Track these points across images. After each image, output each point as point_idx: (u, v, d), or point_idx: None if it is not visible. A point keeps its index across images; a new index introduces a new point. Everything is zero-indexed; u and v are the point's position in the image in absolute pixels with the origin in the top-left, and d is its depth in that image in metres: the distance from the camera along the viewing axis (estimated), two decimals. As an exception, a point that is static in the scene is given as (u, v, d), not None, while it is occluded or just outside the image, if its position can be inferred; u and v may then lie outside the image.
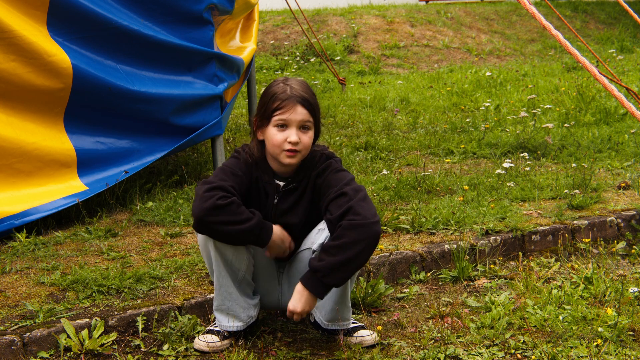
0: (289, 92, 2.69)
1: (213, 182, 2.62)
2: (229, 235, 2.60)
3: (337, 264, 2.54)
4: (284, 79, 2.77)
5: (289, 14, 12.71)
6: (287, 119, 2.69)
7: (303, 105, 2.70)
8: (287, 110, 2.68)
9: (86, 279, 3.11)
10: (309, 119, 2.72)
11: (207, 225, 2.58)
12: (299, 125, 2.70)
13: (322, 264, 2.55)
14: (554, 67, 10.67)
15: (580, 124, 6.55)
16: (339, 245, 2.54)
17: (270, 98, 2.71)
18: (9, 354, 2.62)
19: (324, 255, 2.56)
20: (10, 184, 3.81)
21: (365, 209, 2.58)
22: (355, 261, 2.56)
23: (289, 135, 2.69)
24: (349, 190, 2.65)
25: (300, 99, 2.69)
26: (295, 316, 2.64)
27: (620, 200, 4.35)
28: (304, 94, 2.71)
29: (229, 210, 2.56)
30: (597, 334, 2.78)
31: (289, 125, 2.69)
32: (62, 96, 3.96)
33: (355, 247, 2.53)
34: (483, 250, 3.69)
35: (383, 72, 11.30)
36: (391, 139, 6.24)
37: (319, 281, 2.57)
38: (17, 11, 3.75)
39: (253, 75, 6.62)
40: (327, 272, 2.55)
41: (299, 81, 2.76)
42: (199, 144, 5.68)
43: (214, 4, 4.75)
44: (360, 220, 2.55)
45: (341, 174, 2.75)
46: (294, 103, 2.68)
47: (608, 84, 2.83)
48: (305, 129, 2.72)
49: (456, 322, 2.97)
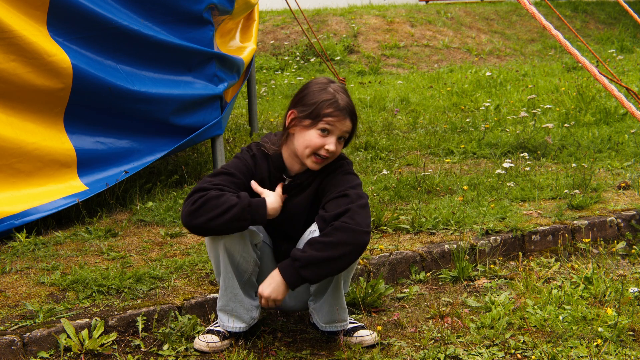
0: (341, 102, 2.71)
1: (193, 189, 2.65)
2: (223, 228, 2.61)
3: (319, 259, 2.54)
4: (327, 80, 2.77)
5: (289, 14, 12.71)
6: (334, 128, 2.70)
7: (351, 119, 2.73)
8: (338, 121, 2.70)
9: (86, 279, 3.11)
10: (350, 131, 2.76)
11: (196, 229, 2.62)
12: (339, 136, 2.73)
13: (304, 255, 2.55)
14: (554, 67, 10.67)
15: (580, 124, 6.55)
16: (325, 242, 2.55)
17: (323, 101, 2.70)
18: (9, 354, 2.62)
19: (308, 248, 2.57)
20: (10, 184, 3.81)
21: (361, 217, 2.60)
22: (336, 261, 2.56)
23: (329, 144, 2.70)
24: (352, 193, 2.66)
25: (352, 112, 2.73)
26: (263, 300, 2.65)
27: (620, 200, 4.35)
28: (353, 107, 2.75)
29: (208, 207, 2.57)
30: (597, 334, 2.78)
31: (331, 133, 2.71)
32: (62, 96, 3.96)
33: (339, 249, 2.54)
34: (483, 250, 3.69)
35: (383, 72, 11.30)
36: (391, 139, 6.24)
37: (296, 270, 2.57)
38: (17, 11, 3.75)
39: (253, 75, 6.62)
40: (306, 263, 2.55)
41: (343, 89, 2.77)
42: (199, 144, 5.68)
43: (214, 4, 4.75)
44: (353, 226, 2.56)
45: (349, 176, 2.76)
46: (345, 115, 2.71)
47: (608, 84, 2.83)
48: (342, 139, 2.75)
49: (456, 322, 2.97)
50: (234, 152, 5.66)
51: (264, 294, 2.62)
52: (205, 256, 3.44)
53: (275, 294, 2.61)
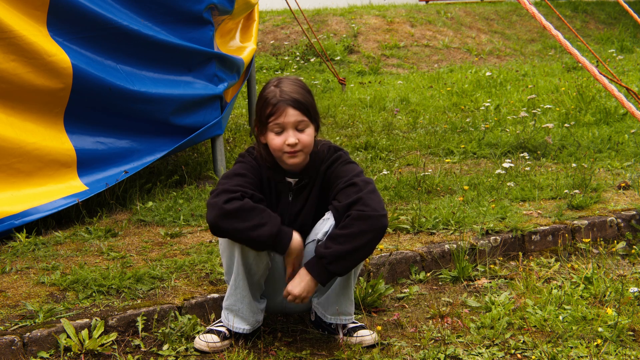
0: (279, 95, 2.70)
1: (220, 189, 2.64)
2: (243, 242, 2.64)
3: (344, 252, 2.58)
4: (277, 80, 2.78)
5: (289, 14, 12.71)
6: (281, 123, 2.70)
7: (294, 106, 2.70)
8: (280, 115, 2.70)
9: (86, 279, 3.11)
10: (302, 118, 2.73)
11: (220, 231, 2.62)
12: (294, 127, 2.72)
13: (329, 251, 2.59)
14: (554, 67, 10.67)
15: (580, 124, 6.55)
16: (347, 234, 2.58)
17: (263, 104, 2.73)
18: (9, 354, 2.62)
19: (331, 243, 2.60)
20: (10, 184, 3.81)
21: (374, 201, 2.63)
22: (361, 251, 2.61)
23: (287, 138, 2.71)
24: (359, 181, 2.69)
25: (290, 101, 2.70)
26: (290, 297, 2.67)
27: (620, 200, 4.35)
28: (293, 95, 2.71)
29: (240, 216, 2.58)
30: (597, 334, 2.78)
31: (284, 128, 2.71)
32: (62, 96, 3.96)
33: (362, 238, 2.58)
34: (483, 250, 3.69)
35: (383, 72, 11.30)
36: (391, 139, 6.24)
37: (324, 268, 2.61)
38: (17, 11, 3.75)
39: (253, 75, 6.62)
40: (333, 259, 2.59)
41: (291, 81, 2.76)
42: (199, 144, 5.68)
43: (214, 4, 4.75)
44: (369, 212, 2.59)
45: (350, 165, 2.79)
46: (284, 107, 2.70)
47: (608, 84, 2.83)
48: (302, 128, 2.74)
49: (456, 322, 2.97)
50: (234, 152, 5.65)
51: (294, 292, 2.66)
52: (205, 256, 3.44)
53: (305, 292, 2.66)
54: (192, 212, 4.16)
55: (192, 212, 4.16)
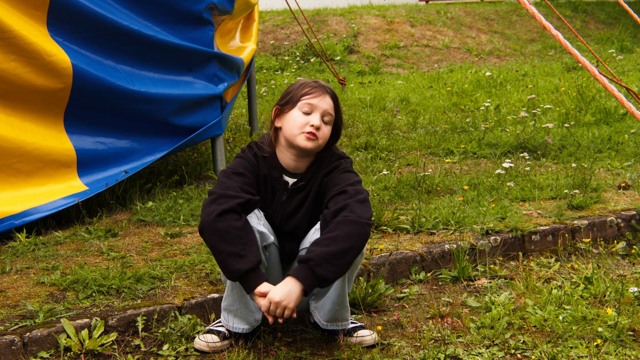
0: (319, 82, 2.81)
1: (218, 193, 2.63)
2: (219, 262, 2.61)
3: (330, 254, 2.50)
4: (307, 79, 2.88)
5: (289, 14, 12.71)
6: (315, 105, 2.75)
7: (331, 97, 2.79)
8: (316, 97, 2.75)
9: (86, 279, 3.11)
10: (333, 112, 2.79)
11: (205, 241, 2.62)
12: (322, 115, 2.76)
13: (313, 254, 2.51)
14: (554, 67, 10.67)
15: (580, 124, 6.55)
16: (331, 237, 2.53)
17: (300, 86, 2.79)
18: (9, 354, 2.62)
19: (314, 247, 2.54)
20: (10, 184, 3.81)
21: (361, 210, 2.60)
22: (346, 255, 2.53)
23: (312, 120, 2.74)
24: (350, 189, 2.67)
25: (330, 91, 2.80)
26: (272, 306, 2.52)
27: (620, 200, 4.35)
28: (332, 89, 2.83)
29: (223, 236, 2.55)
30: (597, 334, 2.78)
31: (313, 111, 2.75)
32: (62, 96, 3.96)
33: (347, 241, 2.53)
34: (483, 250, 3.69)
35: (383, 72, 11.30)
36: (391, 139, 6.24)
37: (310, 271, 2.50)
38: (17, 11, 3.75)
39: (253, 75, 6.62)
40: (319, 261, 2.49)
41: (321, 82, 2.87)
42: (199, 144, 5.68)
43: (214, 4, 4.75)
44: (354, 217, 2.57)
45: (348, 174, 2.77)
46: (323, 92, 2.78)
47: (608, 84, 2.83)
48: (327, 121, 2.78)
49: (456, 322, 2.97)
50: (234, 152, 5.65)
51: (275, 299, 2.51)
52: (205, 256, 3.44)
53: (287, 299, 2.52)
54: (192, 212, 4.16)
55: (192, 212, 4.16)
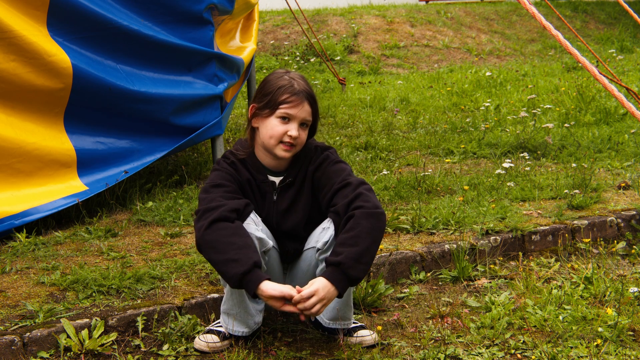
0: (297, 86, 2.71)
1: (203, 209, 2.60)
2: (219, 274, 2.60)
3: (358, 254, 2.48)
4: (285, 71, 2.79)
5: (289, 14, 12.71)
6: (293, 114, 2.70)
7: (310, 103, 2.73)
8: (295, 106, 2.70)
9: (86, 279, 3.11)
10: (311, 117, 2.76)
11: (204, 256, 2.61)
12: (300, 122, 2.72)
13: (343, 256, 2.47)
14: (554, 67, 10.67)
15: (580, 124, 6.55)
16: (355, 235, 2.51)
17: (278, 89, 2.70)
18: (9, 354, 2.62)
19: (342, 249, 2.50)
20: (10, 184, 3.81)
21: (373, 199, 2.61)
22: (372, 251, 2.52)
23: (290, 130, 2.70)
24: (353, 180, 2.67)
25: (309, 95, 2.73)
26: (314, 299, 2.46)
27: (620, 200, 4.35)
28: (310, 91, 2.74)
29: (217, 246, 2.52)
30: (597, 334, 2.78)
31: (292, 119, 2.71)
32: (62, 96, 3.96)
33: (370, 237, 2.52)
34: (483, 250, 3.69)
35: (383, 72, 11.30)
36: (391, 139, 6.24)
37: (343, 274, 2.48)
38: (17, 11, 3.75)
39: (253, 75, 6.62)
40: (351, 263, 2.47)
41: (300, 76, 2.78)
42: (199, 144, 5.68)
43: (214, 4, 4.75)
44: (372, 209, 2.56)
45: (340, 165, 2.77)
46: (302, 99, 2.71)
47: (608, 84, 2.83)
48: (305, 126, 2.75)
49: (456, 322, 2.97)
50: (234, 152, 5.65)
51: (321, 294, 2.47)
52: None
53: (327, 299, 2.49)
54: (192, 212, 4.16)
55: (192, 212, 4.16)
